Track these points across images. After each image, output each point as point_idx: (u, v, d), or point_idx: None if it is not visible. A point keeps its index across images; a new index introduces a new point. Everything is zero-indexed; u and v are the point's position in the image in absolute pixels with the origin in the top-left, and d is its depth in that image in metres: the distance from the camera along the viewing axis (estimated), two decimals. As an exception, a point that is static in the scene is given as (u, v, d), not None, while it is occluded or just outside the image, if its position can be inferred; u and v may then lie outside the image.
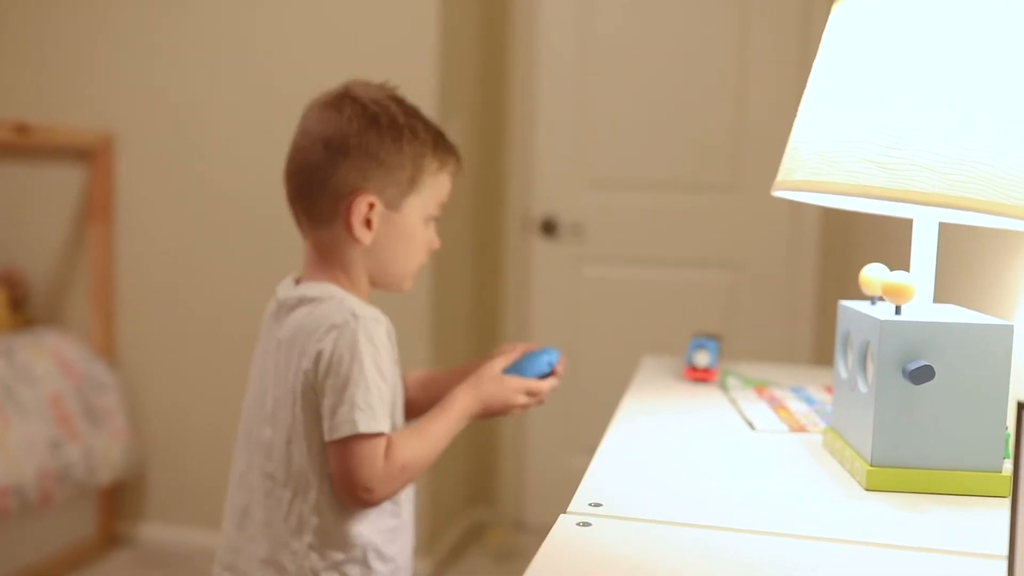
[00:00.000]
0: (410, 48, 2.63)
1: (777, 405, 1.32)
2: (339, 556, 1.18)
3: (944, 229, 1.41)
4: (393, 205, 1.21)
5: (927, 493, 0.95)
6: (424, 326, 2.67)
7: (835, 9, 1.04)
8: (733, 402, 1.34)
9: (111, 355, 2.86)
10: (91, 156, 2.80)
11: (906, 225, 1.22)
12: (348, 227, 1.20)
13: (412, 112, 1.24)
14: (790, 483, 0.97)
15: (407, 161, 1.21)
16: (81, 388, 2.64)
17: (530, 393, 1.26)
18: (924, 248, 1.01)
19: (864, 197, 0.91)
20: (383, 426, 1.13)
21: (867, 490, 0.95)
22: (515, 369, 1.27)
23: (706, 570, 0.74)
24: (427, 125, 1.24)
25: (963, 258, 1.35)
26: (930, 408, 0.95)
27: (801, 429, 1.19)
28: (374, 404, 1.13)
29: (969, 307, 1.27)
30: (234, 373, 2.82)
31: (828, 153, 0.96)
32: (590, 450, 1.11)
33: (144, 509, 2.92)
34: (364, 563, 1.19)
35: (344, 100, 1.23)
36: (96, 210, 2.81)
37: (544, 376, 1.28)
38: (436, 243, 1.29)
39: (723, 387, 1.45)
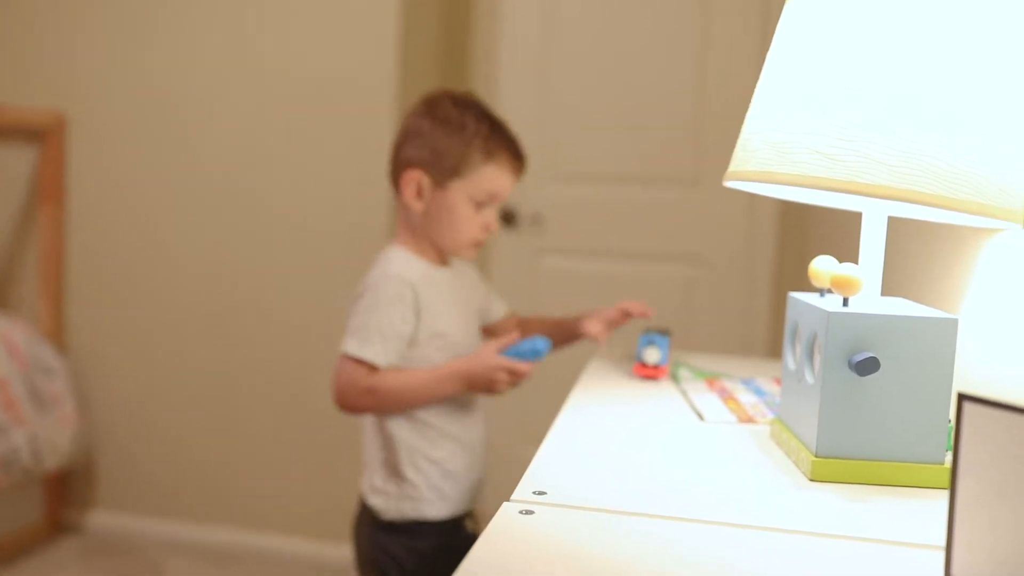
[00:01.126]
0: (370, 39, 2.60)
1: (727, 396, 1.32)
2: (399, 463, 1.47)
3: (894, 223, 1.42)
4: (440, 184, 1.48)
5: (871, 484, 0.95)
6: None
7: (789, 2, 1.04)
8: (684, 393, 1.35)
9: (60, 339, 2.81)
10: (43, 137, 2.74)
11: (859, 219, 1.22)
12: (403, 196, 1.49)
13: (470, 112, 1.49)
14: (735, 473, 0.97)
15: (454, 149, 1.46)
16: (28, 373, 2.58)
17: (511, 373, 1.41)
18: (872, 241, 1.02)
19: (813, 188, 0.91)
20: (369, 355, 1.40)
21: (811, 481, 0.95)
22: (511, 351, 1.42)
23: (647, 559, 0.73)
24: (481, 123, 1.48)
25: (912, 252, 1.36)
26: (875, 400, 0.95)
27: (750, 420, 1.19)
28: (371, 337, 1.41)
29: (917, 301, 1.28)
30: (185, 359, 2.79)
31: (779, 144, 0.96)
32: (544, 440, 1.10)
33: (92, 496, 2.88)
34: (415, 466, 1.47)
35: (421, 100, 1.53)
36: (47, 192, 2.75)
37: (529, 360, 1.41)
38: (493, 226, 1.52)
39: (674, 379, 1.45)
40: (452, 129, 1.47)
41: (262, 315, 2.73)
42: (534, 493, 0.88)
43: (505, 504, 0.84)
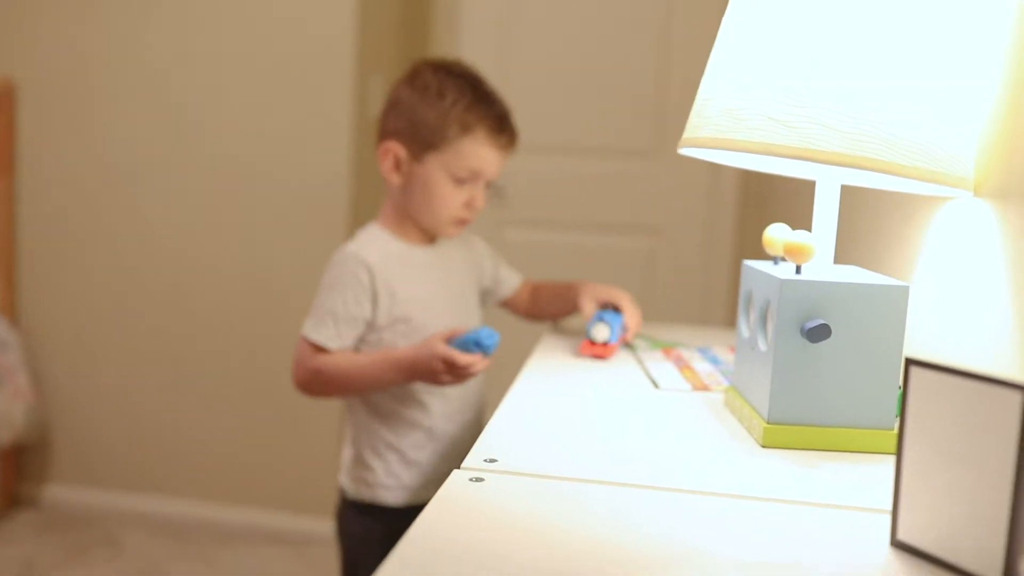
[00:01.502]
0: (327, 5, 2.56)
1: (683, 365, 1.32)
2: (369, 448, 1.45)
3: (849, 193, 1.43)
4: (416, 157, 1.41)
5: (822, 450, 0.96)
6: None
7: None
8: (640, 362, 1.35)
9: (12, 313, 2.75)
10: (-10, 103, 2.68)
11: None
12: (380, 167, 1.44)
13: (452, 81, 1.41)
14: (687, 440, 0.97)
15: (430, 120, 1.39)
16: (-21, 346, 2.54)
17: (449, 365, 1.27)
18: (825, 209, 1.02)
19: (767, 155, 0.90)
20: (320, 338, 1.36)
21: (763, 447, 0.96)
22: (460, 342, 1.27)
23: (596, 525, 0.73)
24: (462, 93, 1.39)
25: (866, 221, 1.36)
26: (827, 367, 0.95)
27: (704, 388, 1.20)
28: (324, 319, 1.37)
29: (871, 269, 1.29)
30: (141, 330, 2.75)
31: (733, 111, 0.95)
32: (493, 408, 1.10)
33: (48, 470, 2.84)
34: (375, 451, 1.44)
35: (411, 65, 1.47)
36: (-4, 160, 2.69)
37: (472, 352, 1.26)
38: (479, 203, 1.44)
39: (631, 348, 1.45)
40: (429, 98, 1.39)
41: (219, 285, 2.70)
42: (485, 461, 0.87)
43: (455, 471, 0.83)
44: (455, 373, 1.28)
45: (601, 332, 1.38)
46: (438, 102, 1.39)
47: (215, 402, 2.74)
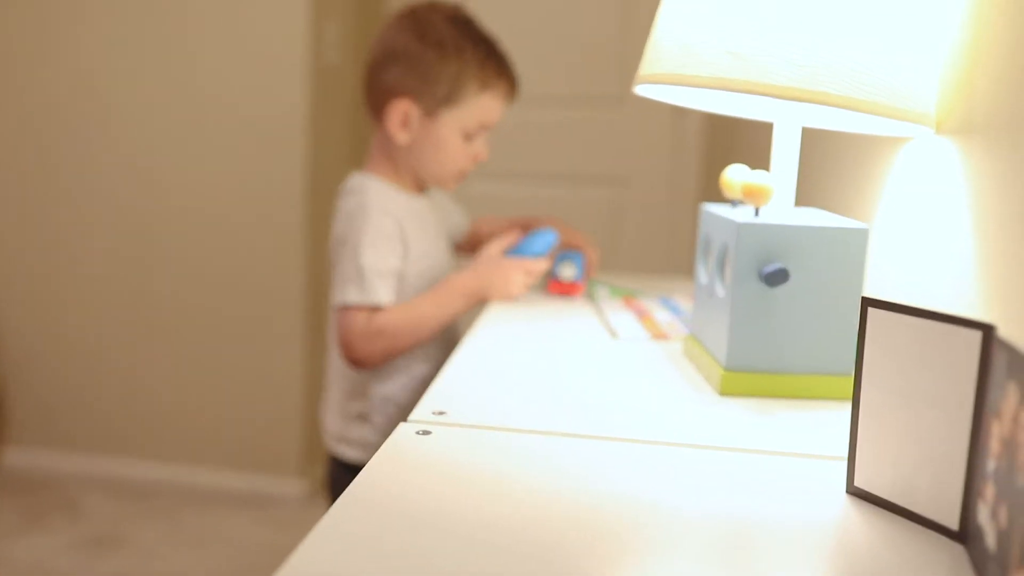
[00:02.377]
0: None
1: (643, 314, 1.29)
2: (360, 406, 1.40)
3: (810, 135, 1.40)
4: (430, 113, 1.36)
5: (781, 398, 0.94)
6: (298, 240, 2.58)
7: None
8: (599, 311, 1.32)
9: (-39, 272, 2.68)
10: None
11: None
12: (386, 125, 1.37)
13: (466, 33, 1.35)
14: (643, 390, 0.95)
15: (447, 77, 1.33)
16: (-74, 307, 2.46)
17: (528, 272, 1.34)
18: (784, 149, 0.99)
19: (722, 89, 0.87)
20: (371, 297, 1.29)
21: (721, 395, 0.93)
22: (515, 251, 1.37)
23: (545, 476, 0.70)
24: (478, 47, 1.35)
25: (827, 162, 1.33)
26: (786, 312, 0.93)
27: (663, 337, 1.17)
28: (371, 281, 1.29)
29: (833, 211, 1.26)
30: (92, 292, 2.68)
31: (689, 45, 0.91)
32: (445, 360, 1.06)
33: (3, 433, 2.78)
34: (383, 413, 1.39)
35: (405, 14, 1.37)
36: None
37: (541, 256, 1.36)
38: (483, 156, 1.41)
39: (591, 297, 1.42)
40: (447, 54, 1.33)
41: (179, 236, 2.63)
42: (434, 413, 0.84)
43: (402, 424, 0.80)
44: (531, 282, 1.35)
45: (567, 270, 1.41)
46: (457, 57, 1.33)
47: (177, 360, 2.69)
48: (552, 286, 1.42)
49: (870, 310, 0.67)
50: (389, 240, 1.33)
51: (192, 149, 2.59)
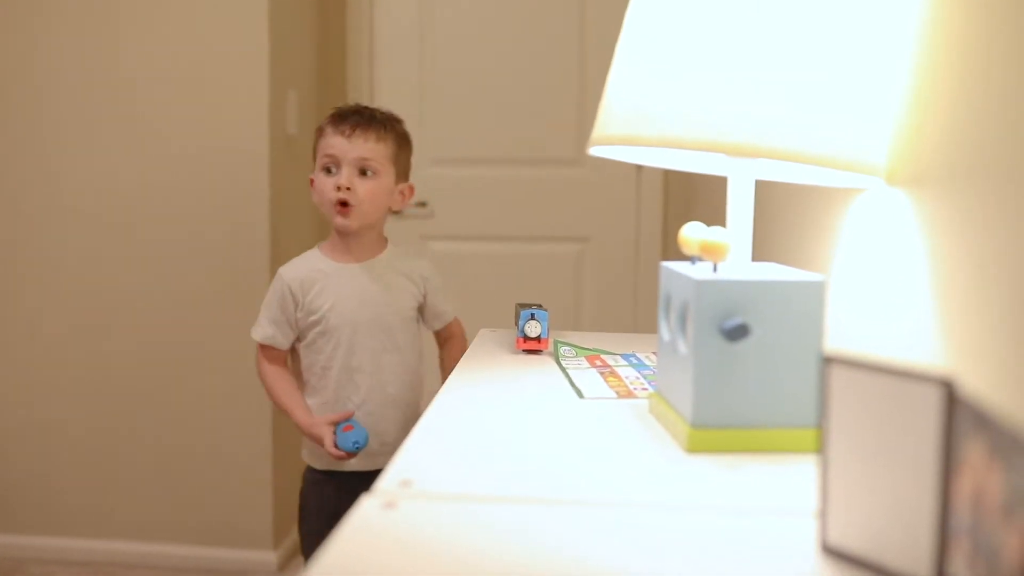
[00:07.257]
0: (240, 20, 2.50)
1: (608, 372, 1.29)
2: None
3: (764, 188, 1.42)
4: (315, 174, 1.76)
5: (748, 452, 0.93)
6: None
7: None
8: (564, 371, 1.31)
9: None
10: None
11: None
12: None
13: (334, 112, 1.76)
14: (611, 450, 0.94)
15: (314, 145, 1.77)
16: None
17: (329, 448, 1.66)
18: (739, 204, 0.99)
19: (674, 148, 0.87)
20: (258, 335, 1.75)
21: (688, 452, 0.93)
22: (339, 431, 1.66)
23: (514, 548, 0.69)
24: (331, 114, 1.75)
25: (782, 215, 1.35)
26: (748, 367, 0.93)
27: (629, 395, 1.16)
28: (262, 322, 1.76)
29: (790, 264, 1.28)
30: (49, 369, 2.63)
31: (639, 107, 0.92)
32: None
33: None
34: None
35: None
36: None
37: (346, 451, 1.65)
38: (342, 182, 1.68)
39: (555, 357, 1.41)
40: (318, 131, 1.75)
41: (135, 323, 2.60)
42: (400, 483, 0.83)
43: (365, 497, 0.78)
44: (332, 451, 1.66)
45: (534, 328, 1.46)
46: (320, 129, 1.76)
47: (135, 432, 2.63)
48: (519, 343, 1.46)
49: (832, 367, 0.67)
50: (273, 295, 1.75)
51: (152, 227, 2.57)
